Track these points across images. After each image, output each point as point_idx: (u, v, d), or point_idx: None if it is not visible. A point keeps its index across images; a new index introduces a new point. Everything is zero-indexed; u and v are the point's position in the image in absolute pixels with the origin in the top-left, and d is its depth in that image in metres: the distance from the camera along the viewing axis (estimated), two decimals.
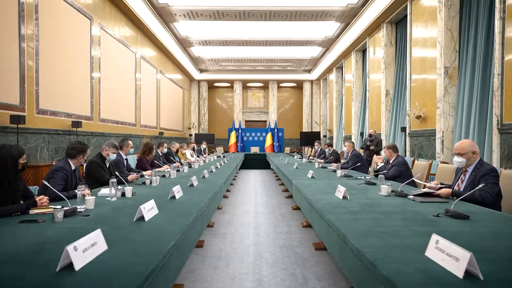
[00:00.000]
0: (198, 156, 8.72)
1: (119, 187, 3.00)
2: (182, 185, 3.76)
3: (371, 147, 8.73)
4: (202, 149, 10.11)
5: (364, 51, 12.62)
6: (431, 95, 7.46)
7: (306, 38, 13.07)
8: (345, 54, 13.63)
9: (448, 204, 2.49)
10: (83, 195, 2.33)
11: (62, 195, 2.34)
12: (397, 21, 9.88)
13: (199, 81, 19.36)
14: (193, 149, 8.89)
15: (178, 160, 7.03)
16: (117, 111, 9.22)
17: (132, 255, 1.53)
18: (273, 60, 16.46)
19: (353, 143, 6.20)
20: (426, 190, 3.06)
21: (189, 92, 18.99)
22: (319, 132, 17.44)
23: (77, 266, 1.31)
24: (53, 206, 2.22)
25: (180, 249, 1.93)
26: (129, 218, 2.18)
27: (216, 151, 15.06)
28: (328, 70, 16.53)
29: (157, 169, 4.88)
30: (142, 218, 2.13)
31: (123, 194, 2.95)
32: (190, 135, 18.07)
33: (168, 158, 6.40)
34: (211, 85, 20.07)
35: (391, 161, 4.48)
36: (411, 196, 2.89)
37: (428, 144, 7.70)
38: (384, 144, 9.64)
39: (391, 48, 10.05)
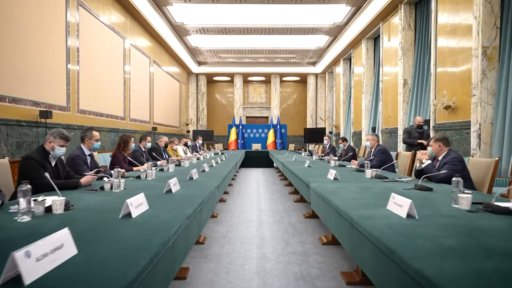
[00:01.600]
0: (192, 153, 7.59)
1: (40, 197, 1.89)
2: (154, 191, 2.66)
3: (424, 143, 6.34)
4: (197, 145, 8.94)
5: (376, 39, 11.51)
6: (463, 81, 6.35)
7: (312, 25, 11.92)
8: (355, 43, 12.52)
9: None
10: None
11: None
12: (416, 1, 8.77)
13: (197, 75, 18.22)
14: (186, 144, 7.73)
15: (166, 157, 5.92)
16: (102, 102, 8.09)
17: None
18: (276, 52, 15.29)
19: (377, 136, 5.08)
20: None
21: (187, 86, 17.86)
22: (324, 128, 16.31)
23: None
24: None
25: None
26: None
27: (214, 147, 13.94)
28: (335, 62, 15.40)
29: (122, 169, 3.75)
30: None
31: (49, 209, 1.82)
32: (188, 131, 16.97)
33: (152, 154, 5.27)
34: (210, 79, 18.94)
35: (440, 158, 3.37)
36: None
37: (459, 139, 6.58)
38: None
39: (409, 32, 8.94)
